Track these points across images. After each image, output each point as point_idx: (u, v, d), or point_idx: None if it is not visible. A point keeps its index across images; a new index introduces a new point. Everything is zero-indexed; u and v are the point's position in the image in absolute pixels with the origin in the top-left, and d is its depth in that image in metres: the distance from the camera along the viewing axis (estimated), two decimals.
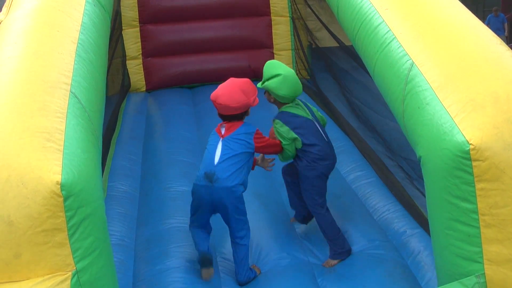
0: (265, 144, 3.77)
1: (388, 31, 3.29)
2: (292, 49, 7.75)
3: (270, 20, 7.72)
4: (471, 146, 2.45)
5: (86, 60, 3.12)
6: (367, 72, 5.42)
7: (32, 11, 3.37)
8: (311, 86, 7.23)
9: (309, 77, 7.52)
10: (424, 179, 2.77)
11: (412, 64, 2.95)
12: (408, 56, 3.02)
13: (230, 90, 3.71)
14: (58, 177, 2.23)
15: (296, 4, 7.70)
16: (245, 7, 7.64)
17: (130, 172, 5.05)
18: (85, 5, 3.66)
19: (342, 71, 6.58)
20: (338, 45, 6.58)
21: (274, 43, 7.69)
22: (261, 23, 7.69)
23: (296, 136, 3.78)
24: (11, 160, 2.25)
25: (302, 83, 7.31)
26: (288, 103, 3.92)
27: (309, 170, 3.80)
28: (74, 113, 2.60)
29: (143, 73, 7.47)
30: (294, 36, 7.73)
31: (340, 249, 3.83)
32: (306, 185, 3.84)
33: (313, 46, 7.53)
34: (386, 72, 3.18)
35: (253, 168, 3.86)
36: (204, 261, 3.64)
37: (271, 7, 7.70)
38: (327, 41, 7.10)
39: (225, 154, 3.61)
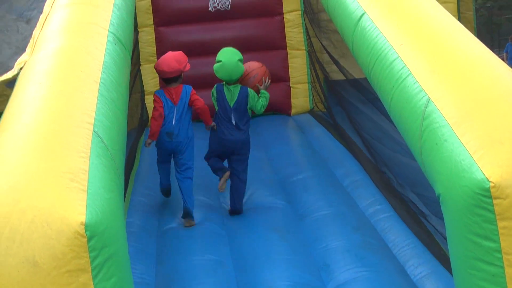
0: (203, 105, 4.92)
1: (404, 66, 3.31)
2: (308, 82, 7.80)
3: (286, 53, 7.79)
4: (491, 184, 2.44)
5: (108, 99, 3.17)
6: (376, 106, 5.47)
7: (56, 51, 3.45)
8: (327, 119, 7.26)
9: (325, 110, 7.55)
10: (444, 216, 2.76)
11: (429, 100, 2.96)
12: (424, 92, 3.03)
13: (166, 60, 4.87)
14: (82, 218, 2.25)
15: (310, 38, 7.78)
16: (261, 41, 7.72)
17: (148, 208, 5.09)
18: (106, 44, 3.74)
19: (356, 104, 6.60)
20: (352, 78, 6.63)
21: (290, 76, 7.75)
22: (277, 56, 7.76)
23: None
24: (36, 201, 2.28)
25: (319, 116, 7.43)
26: (228, 83, 4.90)
27: (212, 133, 5.00)
28: (97, 152, 2.64)
29: None
30: (310, 69, 7.79)
31: (217, 169, 5.03)
32: (209, 141, 5.06)
33: (329, 79, 7.58)
34: (403, 108, 3.19)
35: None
36: (166, 192, 5.15)
37: (287, 41, 7.78)
38: (341, 74, 7.15)
39: (178, 117, 4.83)
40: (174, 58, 4.87)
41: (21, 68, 3.51)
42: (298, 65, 7.78)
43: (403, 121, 3.20)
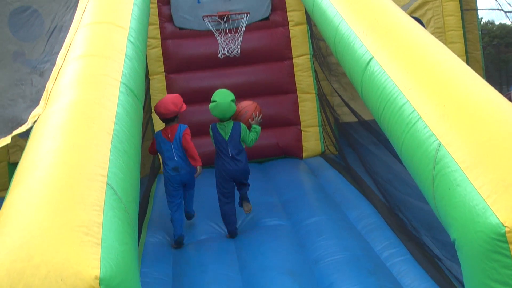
0: (191, 145, 5.38)
1: (413, 111, 3.31)
2: (319, 125, 7.83)
3: (297, 97, 7.85)
4: (506, 229, 2.42)
5: (121, 150, 3.20)
6: (388, 148, 5.46)
7: (69, 104, 3.48)
8: (339, 161, 7.25)
9: (337, 153, 7.54)
10: (460, 262, 2.72)
11: (439, 144, 2.96)
12: (435, 136, 3.02)
13: (164, 103, 5.45)
14: (97, 272, 2.25)
15: (320, 81, 7.84)
16: (271, 86, 7.81)
17: (162, 257, 5.07)
18: (119, 95, 3.78)
19: (367, 146, 6.61)
20: (362, 120, 6.66)
21: (301, 120, 7.79)
22: (287, 100, 7.82)
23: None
24: (50, 256, 2.29)
25: (330, 159, 7.43)
26: (221, 121, 5.45)
27: (216, 168, 5.54)
28: (110, 205, 2.66)
29: None
30: (320, 112, 7.83)
31: (228, 228, 5.52)
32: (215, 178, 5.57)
33: (340, 121, 7.61)
34: (414, 153, 3.18)
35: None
36: (180, 242, 5.33)
37: (297, 85, 7.86)
38: (352, 116, 7.18)
39: (178, 153, 5.39)
40: (171, 101, 5.44)
41: (34, 122, 3.55)
42: (308, 108, 7.83)
43: (415, 166, 3.19)
